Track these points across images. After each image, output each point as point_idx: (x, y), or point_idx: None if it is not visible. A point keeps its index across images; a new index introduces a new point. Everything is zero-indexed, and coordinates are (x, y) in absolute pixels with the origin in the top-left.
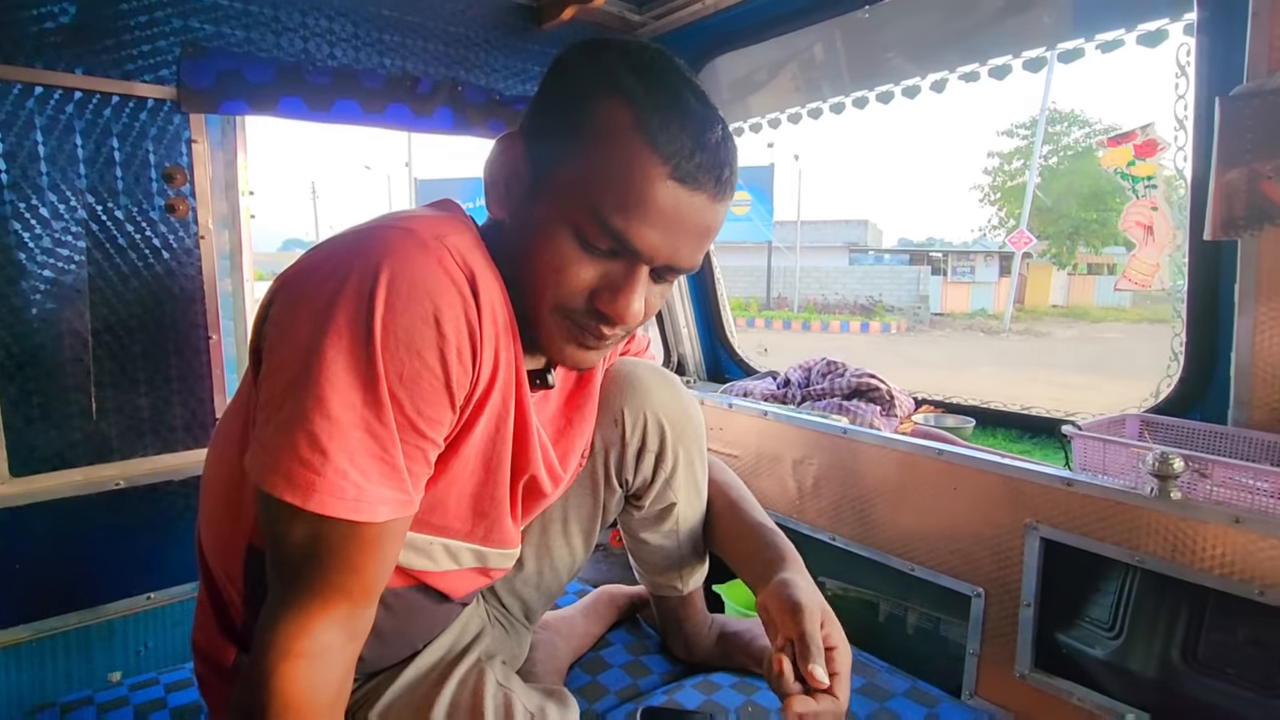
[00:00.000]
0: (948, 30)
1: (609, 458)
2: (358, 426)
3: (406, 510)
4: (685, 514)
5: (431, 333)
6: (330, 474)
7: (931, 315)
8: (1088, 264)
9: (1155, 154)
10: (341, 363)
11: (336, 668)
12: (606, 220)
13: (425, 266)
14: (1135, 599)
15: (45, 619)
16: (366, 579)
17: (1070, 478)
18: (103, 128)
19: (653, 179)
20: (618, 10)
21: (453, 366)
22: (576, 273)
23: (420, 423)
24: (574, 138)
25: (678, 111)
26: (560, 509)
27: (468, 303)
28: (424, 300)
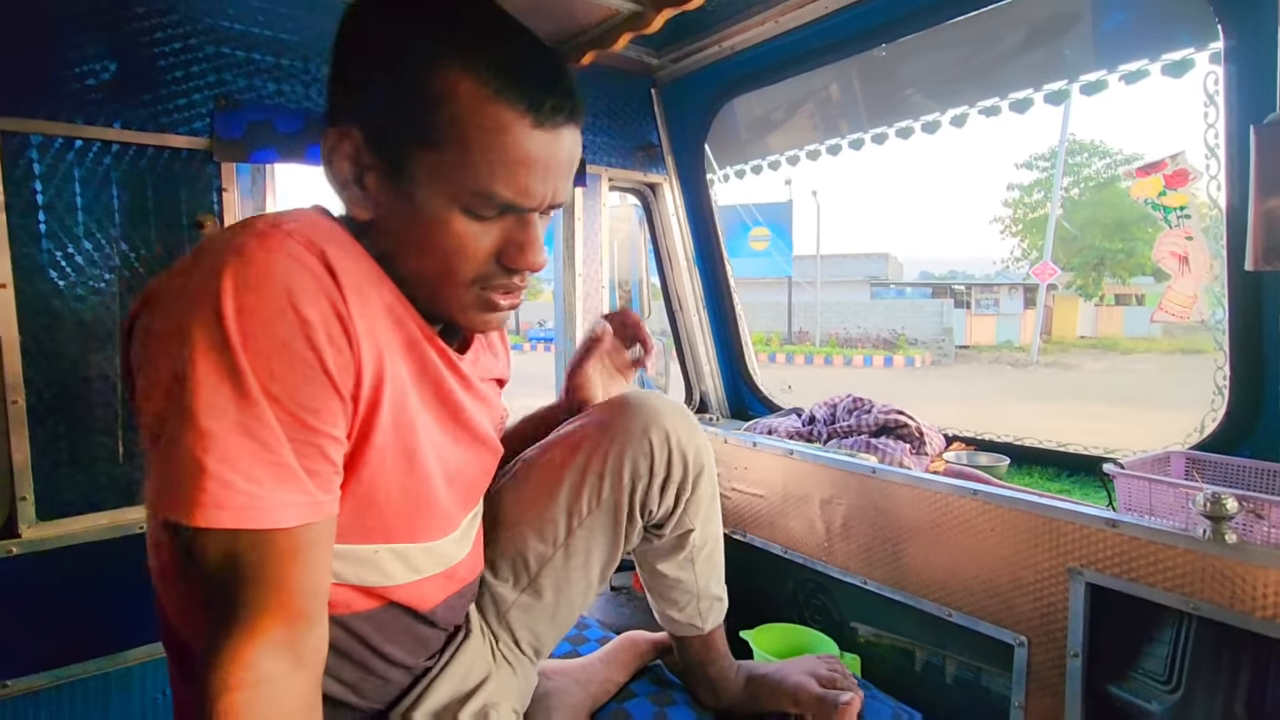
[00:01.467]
0: (967, 65)
1: (636, 489)
2: (234, 433)
3: (317, 514)
4: (699, 541)
5: (291, 320)
6: (212, 486)
7: (956, 348)
8: (1115, 295)
9: (1187, 183)
10: (205, 374)
11: (287, 697)
12: (494, 192)
13: (268, 256)
14: (1193, 649)
15: (66, 666)
16: (294, 595)
17: (1115, 519)
18: (138, 178)
19: (520, 137)
20: (636, 54)
21: (324, 350)
22: (479, 245)
23: (306, 416)
24: (425, 120)
25: (515, 57)
26: (584, 540)
27: (322, 280)
28: (274, 289)
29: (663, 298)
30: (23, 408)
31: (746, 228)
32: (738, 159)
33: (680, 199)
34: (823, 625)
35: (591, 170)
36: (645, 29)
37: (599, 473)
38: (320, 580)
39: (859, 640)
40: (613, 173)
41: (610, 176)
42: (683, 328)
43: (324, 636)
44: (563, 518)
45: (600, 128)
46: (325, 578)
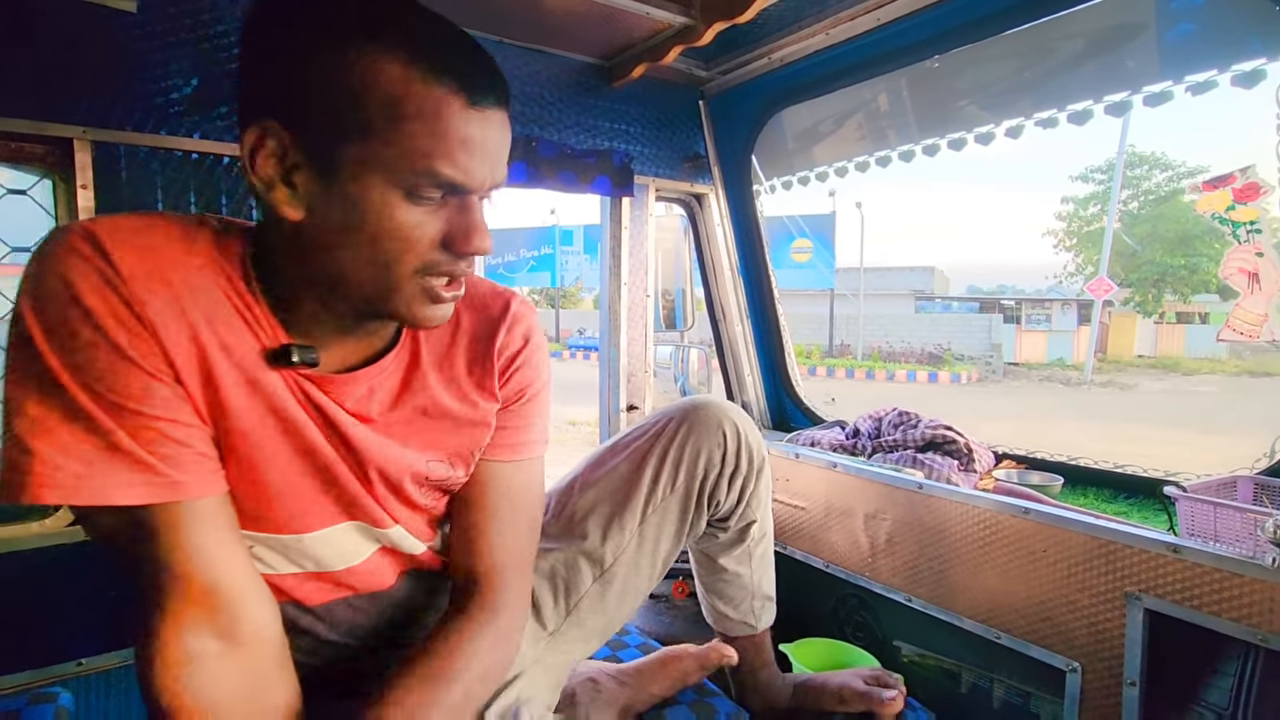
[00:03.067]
0: (1023, 77)
1: (708, 478)
2: (58, 419)
3: (174, 494)
4: (758, 535)
5: (78, 311)
6: (39, 467)
7: (1005, 364)
8: (1176, 312)
9: (1258, 197)
10: (21, 373)
11: (226, 675)
12: (436, 172)
13: (54, 260)
14: (1260, 683)
15: (94, 656)
16: (192, 575)
17: (1177, 544)
18: (214, 186)
19: (457, 117)
20: (685, 67)
21: (118, 334)
22: (424, 232)
23: (123, 400)
24: (356, 109)
25: (438, 38)
26: (656, 525)
27: (104, 272)
28: (58, 286)
29: (706, 307)
30: None
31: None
32: (785, 170)
33: (726, 209)
34: (864, 642)
35: (639, 180)
36: (696, 42)
37: (676, 461)
38: (223, 559)
39: (902, 659)
40: (660, 183)
41: (657, 187)
42: (726, 338)
43: (262, 615)
44: (641, 505)
45: (648, 138)
46: (232, 556)
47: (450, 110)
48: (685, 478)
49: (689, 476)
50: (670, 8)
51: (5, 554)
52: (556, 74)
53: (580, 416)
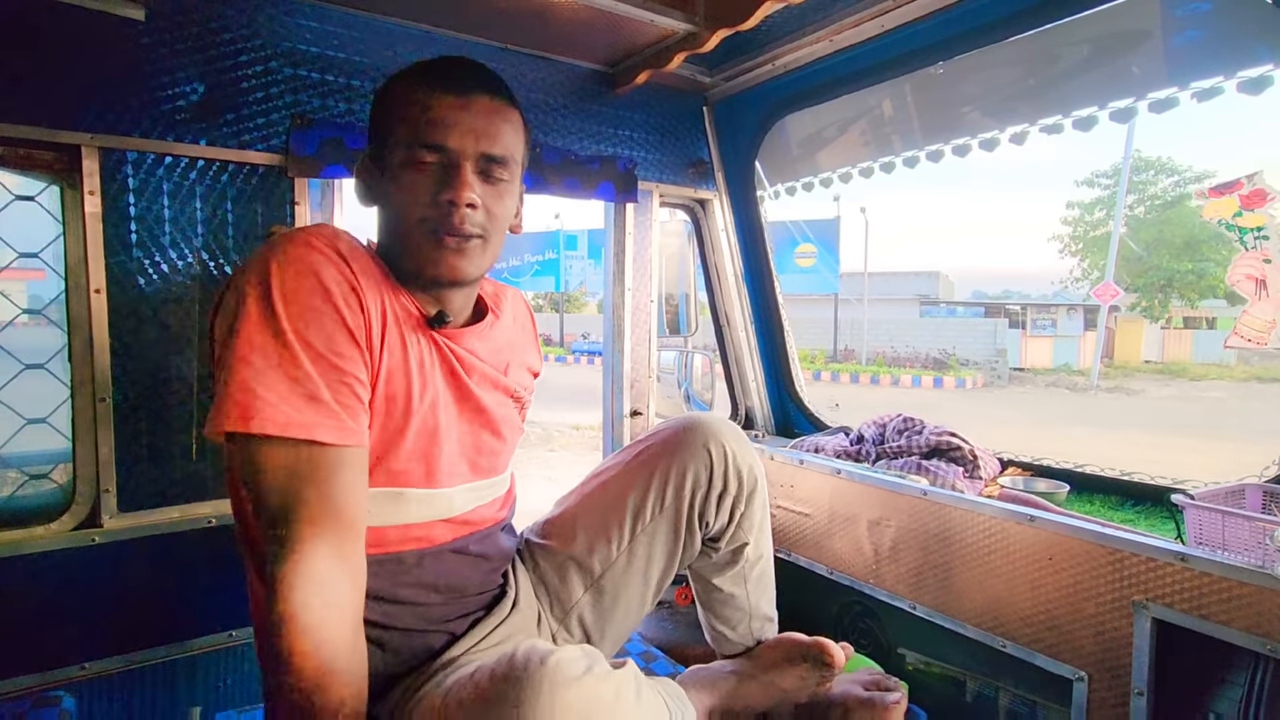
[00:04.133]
0: (1028, 83)
1: (695, 498)
2: (276, 370)
3: (350, 438)
4: (752, 557)
5: (317, 285)
6: (259, 405)
7: (1011, 370)
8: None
9: (1265, 204)
10: (255, 327)
11: (343, 604)
12: (420, 138)
13: (298, 248)
14: (1269, 694)
15: (138, 651)
16: (340, 505)
17: (1185, 552)
18: (219, 192)
19: (436, 101)
20: (689, 73)
21: (343, 308)
22: (423, 188)
23: (335, 360)
24: (383, 122)
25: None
26: (645, 545)
27: (338, 262)
28: (304, 266)
29: (710, 313)
30: (110, 406)
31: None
32: (789, 176)
33: (730, 215)
34: (869, 650)
35: (643, 186)
36: (699, 48)
37: (663, 481)
38: (360, 499)
39: (906, 667)
40: (663, 188)
41: (661, 192)
42: (730, 344)
43: (364, 561)
44: (629, 521)
45: (652, 144)
46: (363, 499)
47: (431, 98)
48: (673, 497)
49: (676, 496)
50: (674, 15)
51: (10, 558)
52: (561, 81)
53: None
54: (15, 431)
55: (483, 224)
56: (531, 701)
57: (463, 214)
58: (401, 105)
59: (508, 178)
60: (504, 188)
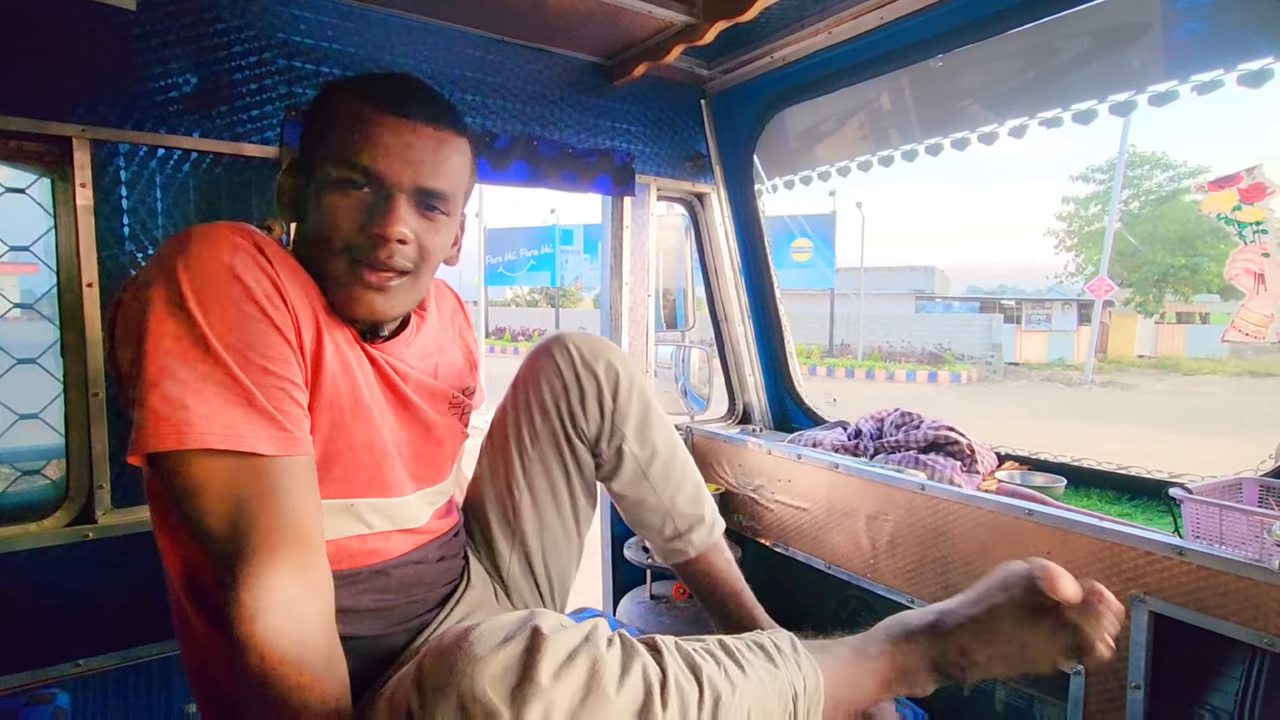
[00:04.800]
0: (1027, 76)
1: (560, 409)
2: (205, 380)
3: (294, 448)
4: (641, 454)
5: (235, 283)
6: (192, 419)
7: (1006, 365)
8: (1177, 313)
9: (1264, 198)
10: (171, 335)
11: (310, 623)
12: (355, 159)
13: (212, 243)
14: (1266, 687)
15: (133, 647)
16: (295, 520)
17: (1182, 546)
18: (213, 185)
19: (376, 119)
20: (687, 66)
21: (268, 307)
22: (348, 212)
23: (265, 362)
24: (316, 130)
25: (381, 79)
26: (540, 475)
27: (257, 257)
28: (219, 263)
29: (707, 307)
30: (103, 400)
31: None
32: (786, 169)
33: (728, 209)
34: None
35: (640, 180)
36: (697, 41)
37: (528, 404)
38: (314, 511)
39: None
40: (661, 182)
41: (659, 186)
42: (727, 338)
43: (328, 572)
44: (515, 456)
45: (649, 137)
46: (317, 510)
47: (374, 117)
48: (540, 416)
49: (543, 414)
50: (672, 6)
51: (3, 554)
52: (558, 73)
53: None
54: (8, 427)
55: (413, 259)
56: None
57: (391, 249)
58: (339, 119)
59: (447, 212)
60: (441, 222)
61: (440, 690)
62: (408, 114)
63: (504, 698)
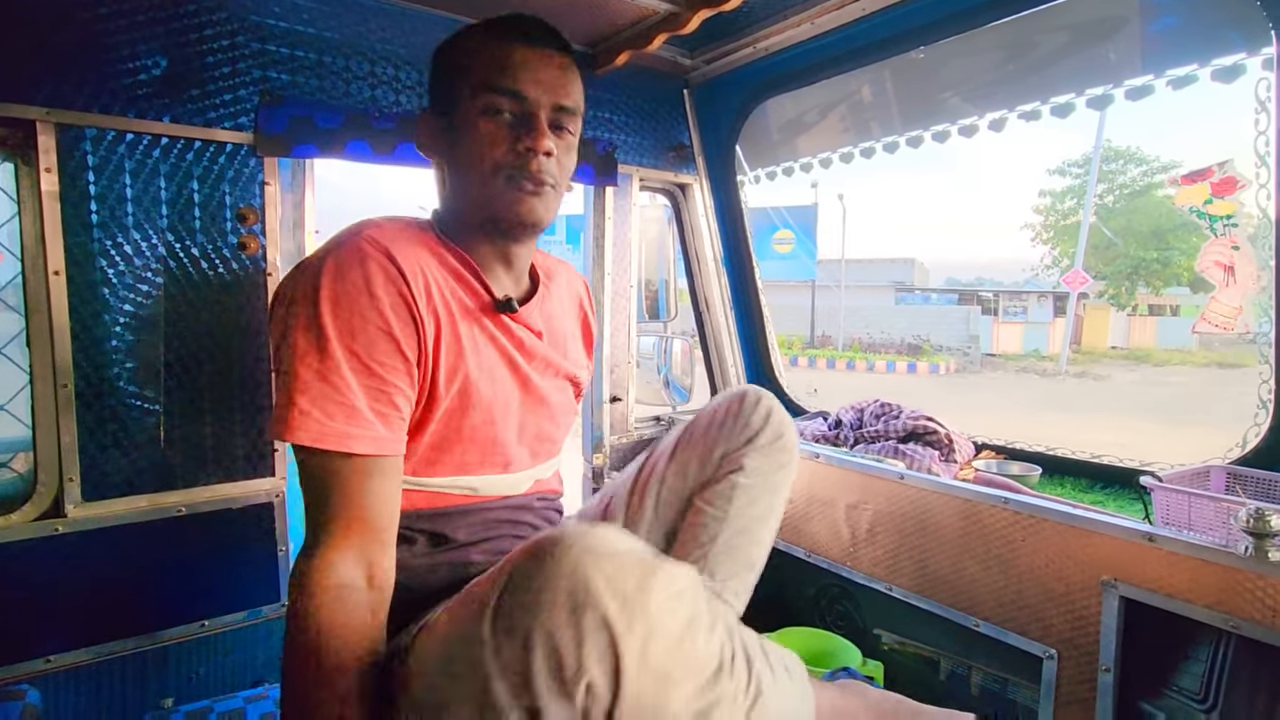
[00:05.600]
0: (1007, 69)
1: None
2: (317, 380)
3: (382, 449)
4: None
5: (365, 292)
6: (295, 415)
7: (983, 356)
8: (1149, 305)
9: (1235, 191)
10: (302, 334)
11: (359, 610)
12: (498, 84)
13: (350, 253)
14: (1230, 668)
15: (106, 643)
16: (367, 513)
17: (1152, 532)
18: (185, 171)
19: (513, 50)
20: (670, 55)
21: (390, 316)
22: (499, 136)
23: (376, 367)
24: (454, 72)
25: (508, 18)
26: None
27: (388, 268)
28: (355, 274)
29: (689, 298)
30: (72, 392)
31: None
32: (769, 161)
33: (710, 200)
34: (845, 631)
35: (623, 170)
36: (680, 29)
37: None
38: (389, 508)
39: (882, 647)
40: (643, 172)
41: (641, 176)
42: (709, 329)
43: (391, 569)
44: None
45: (632, 127)
46: (393, 508)
47: (508, 46)
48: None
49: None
50: None
51: None
52: None
53: None
54: None
55: (554, 174)
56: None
57: (540, 162)
58: (474, 56)
59: (574, 131)
60: (570, 141)
61: (543, 576)
62: (538, 42)
63: (617, 605)
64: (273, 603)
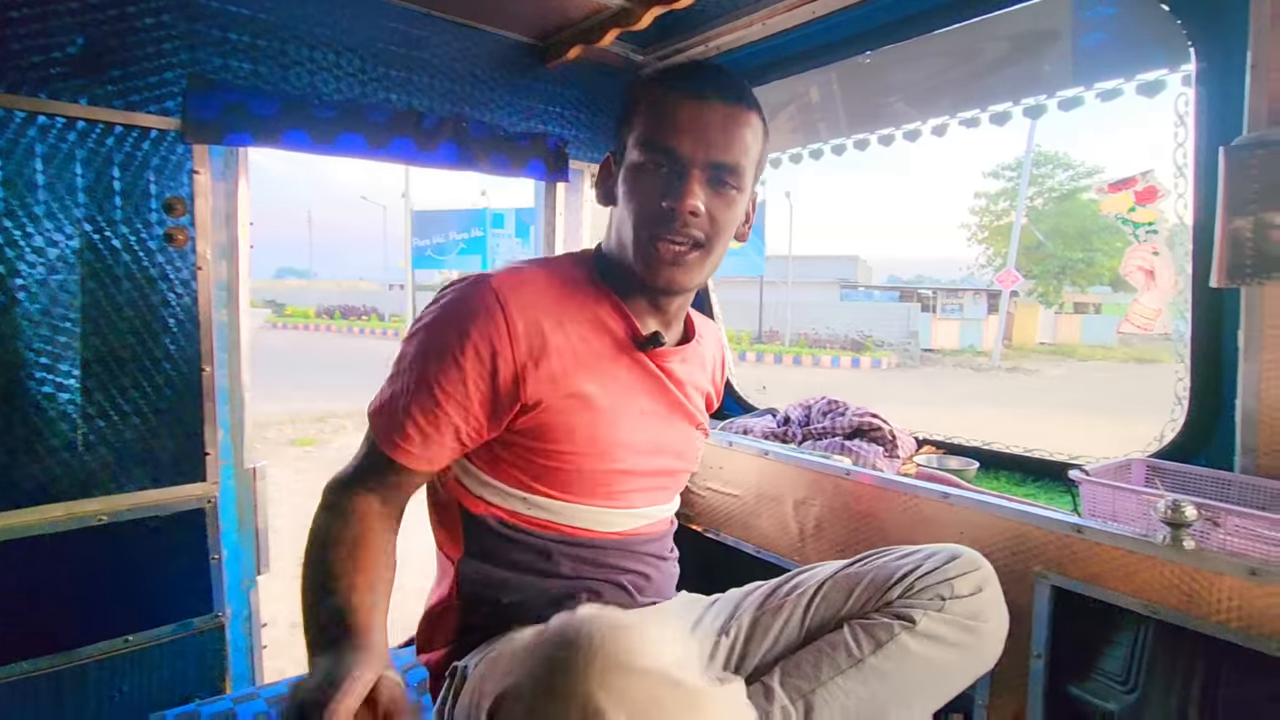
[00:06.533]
0: (948, 77)
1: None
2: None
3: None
4: None
5: (459, 330)
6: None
7: (921, 351)
8: (1074, 303)
9: (1155, 200)
10: (406, 343)
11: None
12: (653, 140)
13: (467, 292)
14: (1150, 652)
15: (15, 663)
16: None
17: (1080, 524)
18: (104, 157)
19: (672, 101)
20: (622, 50)
21: (468, 359)
22: (650, 192)
23: (436, 390)
24: (625, 119)
25: (681, 67)
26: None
27: (495, 317)
28: (464, 311)
29: None
30: None
31: None
32: None
33: None
34: None
35: (574, 165)
36: (633, 25)
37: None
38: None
39: None
40: (595, 168)
41: (593, 172)
42: None
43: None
44: None
45: (583, 122)
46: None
47: (671, 99)
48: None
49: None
50: None
51: None
52: (488, 52)
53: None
54: None
55: (705, 230)
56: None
57: (684, 218)
58: (641, 105)
59: (737, 185)
60: (732, 196)
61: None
62: (701, 93)
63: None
64: (205, 614)
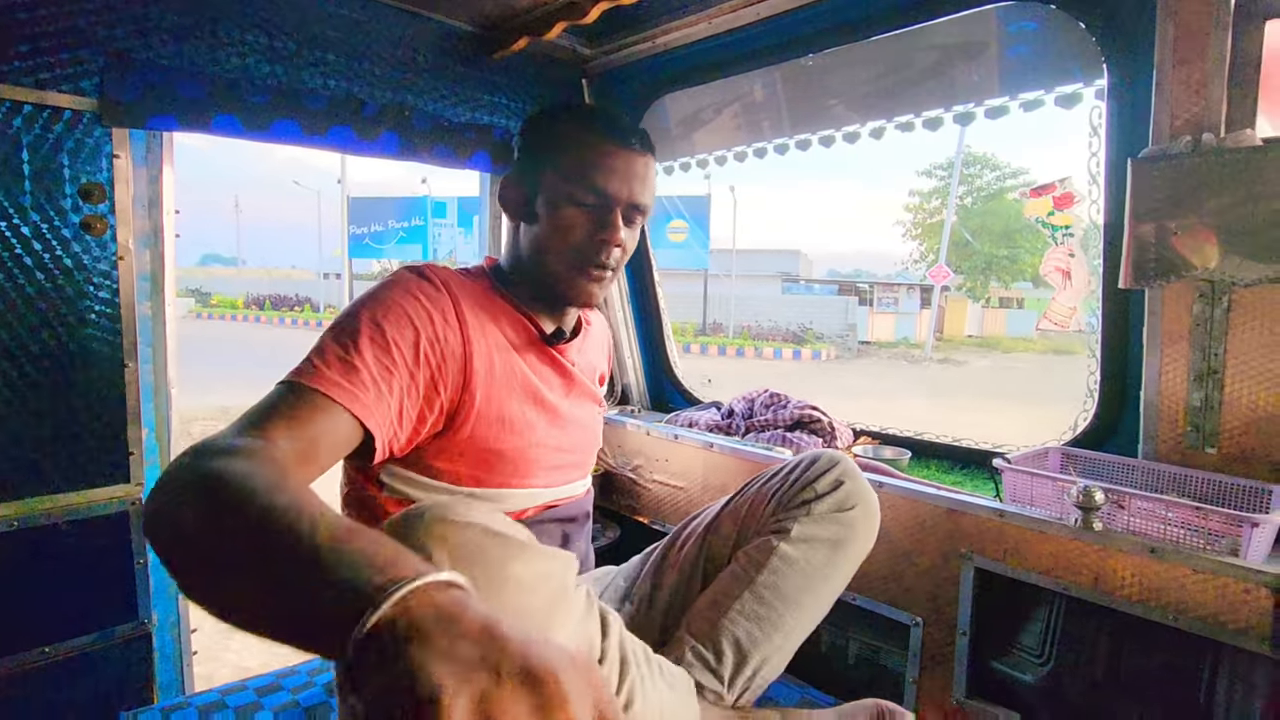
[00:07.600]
0: (885, 83)
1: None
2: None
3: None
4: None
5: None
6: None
7: (859, 344)
8: (999, 298)
9: (1072, 205)
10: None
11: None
12: (589, 181)
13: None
14: (1062, 627)
15: None
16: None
17: (1001, 509)
18: (11, 138)
19: (608, 151)
20: (569, 44)
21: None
22: (581, 226)
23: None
24: (543, 148)
25: (596, 112)
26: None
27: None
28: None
29: None
30: None
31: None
32: (667, 155)
33: None
34: None
35: None
36: (580, 19)
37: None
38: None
39: None
40: None
41: None
42: (608, 322)
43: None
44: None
45: (529, 114)
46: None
47: (604, 149)
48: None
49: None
50: None
51: None
52: (433, 40)
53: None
54: None
55: (619, 259)
56: (410, 531)
57: (610, 251)
58: (568, 143)
59: (642, 220)
60: (639, 228)
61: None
62: (628, 142)
63: (469, 576)
64: (128, 622)
